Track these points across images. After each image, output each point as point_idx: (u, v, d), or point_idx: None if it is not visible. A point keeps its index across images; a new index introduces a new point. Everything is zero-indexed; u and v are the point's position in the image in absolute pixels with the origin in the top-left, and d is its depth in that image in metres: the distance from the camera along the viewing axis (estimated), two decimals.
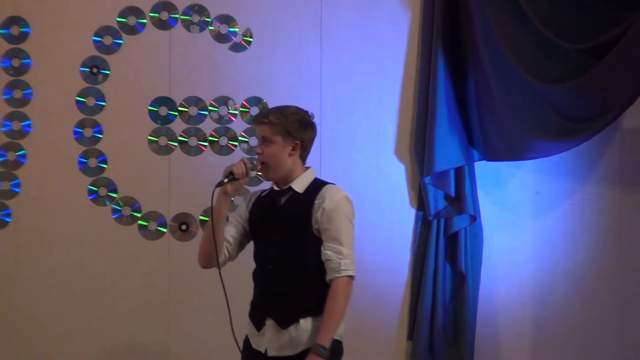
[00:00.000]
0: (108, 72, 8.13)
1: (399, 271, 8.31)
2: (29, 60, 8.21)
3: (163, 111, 8.15)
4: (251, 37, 8.23)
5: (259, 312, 6.56)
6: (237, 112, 8.24)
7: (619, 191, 8.48)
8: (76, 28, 8.28)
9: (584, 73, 7.16)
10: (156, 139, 8.16)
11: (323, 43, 8.40)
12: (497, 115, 8.05)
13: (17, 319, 8.31)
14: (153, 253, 8.21)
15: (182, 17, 8.22)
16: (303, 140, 6.51)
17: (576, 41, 7.23)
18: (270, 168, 6.44)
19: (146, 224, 8.19)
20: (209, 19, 8.25)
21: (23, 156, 8.17)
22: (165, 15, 8.18)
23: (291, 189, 6.52)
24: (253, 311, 6.61)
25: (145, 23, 8.23)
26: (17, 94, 8.12)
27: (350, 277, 6.34)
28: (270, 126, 6.40)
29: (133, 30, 8.18)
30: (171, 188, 8.19)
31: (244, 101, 8.16)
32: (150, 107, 8.17)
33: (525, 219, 8.37)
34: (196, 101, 8.17)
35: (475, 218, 8.16)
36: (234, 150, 8.14)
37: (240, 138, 8.23)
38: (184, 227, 8.16)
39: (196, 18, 8.21)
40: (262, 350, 6.49)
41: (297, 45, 8.38)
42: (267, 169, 6.44)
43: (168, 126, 8.17)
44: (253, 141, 8.23)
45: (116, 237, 8.20)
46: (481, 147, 8.23)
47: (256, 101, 8.15)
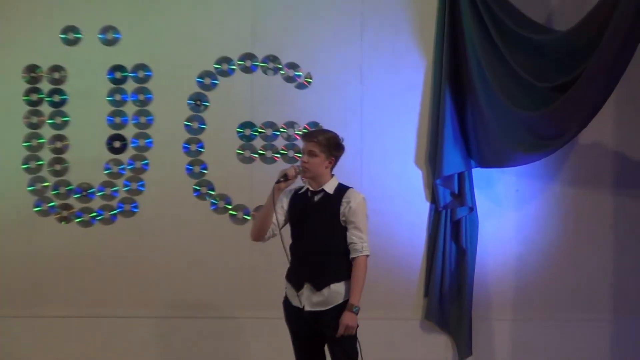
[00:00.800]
0: (207, 104, 9.16)
1: (418, 247, 9.25)
2: (151, 95, 9.18)
3: (247, 132, 9.17)
4: (311, 79, 9.20)
5: (297, 278, 7.44)
6: (301, 133, 9.22)
7: (576, 189, 9.45)
8: (185, 72, 9.27)
9: (551, 104, 8.28)
10: (242, 152, 9.15)
11: (363, 82, 9.27)
12: (488, 134, 9.02)
13: (143, 280, 9.19)
14: (239, 233, 9.10)
15: (261, 64, 9.19)
16: (337, 157, 7.46)
17: (545, 81, 8.42)
18: (311, 173, 7.40)
19: (235, 213, 9.18)
20: (280, 66, 9.20)
21: (146, 164, 9.18)
22: (248, 63, 9.17)
23: (323, 191, 7.45)
24: (291, 276, 7.49)
25: (234, 68, 9.19)
26: (142, 120, 9.15)
27: (367, 256, 7.34)
28: (317, 144, 7.38)
29: (225, 73, 9.17)
30: (252, 187, 9.14)
31: (306, 124, 9.18)
32: (237, 129, 9.17)
33: (508, 210, 9.36)
34: (271, 124, 9.18)
35: (472, 209, 9.19)
36: (298, 160, 8.74)
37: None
38: None
39: (271, 65, 9.21)
40: (301, 306, 7.37)
41: (344, 84, 9.29)
42: (309, 174, 7.42)
43: (251, 143, 9.20)
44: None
45: (213, 223, 9.21)
46: (476, 157, 9.19)
47: (314, 125, 9.12)
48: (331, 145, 7.43)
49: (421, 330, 9.31)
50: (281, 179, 7.37)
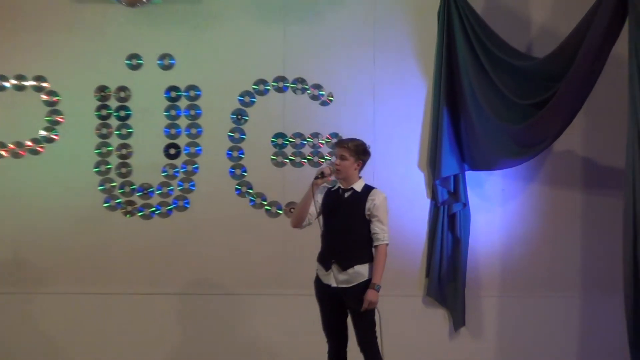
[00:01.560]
0: (247, 118, 9.44)
1: (421, 236, 9.46)
2: (200, 111, 9.47)
3: (279, 141, 9.44)
4: (332, 97, 9.49)
5: (326, 259, 7.76)
6: (324, 142, 9.51)
7: (551, 188, 9.61)
8: (228, 92, 9.49)
9: (530, 118, 8.69)
10: (275, 158, 9.40)
11: (375, 100, 9.50)
12: (478, 142, 9.24)
13: (194, 263, 9.45)
14: (273, 225, 9.46)
15: (291, 85, 9.44)
16: (364, 161, 7.80)
17: (525, 99, 8.81)
18: (342, 174, 7.73)
19: (269, 208, 9.43)
20: (307, 87, 9.47)
21: (196, 168, 9.45)
22: (281, 84, 9.42)
23: (352, 189, 7.79)
24: (321, 258, 7.80)
25: (269, 89, 9.46)
26: (193, 131, 9.43)
27: (386, 244, 7.69)
28: (347, 150, 7.73)
29: (261, 93, 9.45)
30: (284, 187, 9.45)
31: (328, 135, 9.47)
32: (272, 139, 9.45)
33: (495, 206, 9.58)
34: (299, 135, 9.46)
35: (465, 205, 9.36)
36: (322, 164, 9.39)
37: (325, 157, 9.47)
38: (292, 210, 9.07)
39: (299, 86, 9.48)
40: (329, 283, 7.72)
41: (359, 101, 9.53)
42: (340, 174, 7.75)
43: (283, 150, 9.47)
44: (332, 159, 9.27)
45: (251, 216, 9.49)
46: (469, 162, 9.39)
47: (335, 135, 9.40)
48: (359, 150, 7.74)
49: (423, 305, 9.49)
50: (319, 176, 7.67)
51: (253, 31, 9.50)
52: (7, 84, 9.42)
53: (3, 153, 9.43)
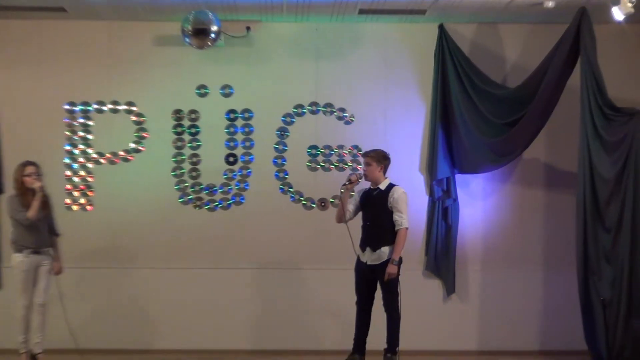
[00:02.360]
0: (288, 134, 9.94)
1: (421, 223, 9.86)
2: (253, 128, 9.97)
3: (313, 151, 9.94)
4: (354, 118, 9.95)
5: (363, 242, 8.30)
6: (347, 152, 9.92)
7: (521, 187, 10.00)
8: (274, 113, 9.96)
9: (504, 133, 9.18)
10: (310, 164, 9.90)
11: (386, 120, 9.95)
12: (465, 152, 9.58)
13: (248, 244, 9.83)
14: (308, 216, 9.93)
15: (322, 109, 9.95)
16: (385, 166, 8.29)
17: (501, 119, 9.29)
18: (369, 177, 8.28)
19: (305, 203, 9.90)
20: (334, 109, 9.96)
21: (250, 172, 9.95)
22: (314, 107, 9.93)
23: (379, 188, 8.26)
24: (361, 242, 8.31)
25: (305, 111, 9.95)
26: (247, 144, 9.91)
27: (406, 228, 8.13)
28: (371, 158, 8.31)
29: (299, 114, 9.96)
30: (316, 186, 9.92)
31: (350, 147, 9.93)
32: (307, 150, 9.94)
33: (478, 200, 9.98)
34: (328, 147, 9.94)
35: (455, 200, 9.72)
36: (345, 169, 9.83)
37: (349, 164, 9.92)
38: (323, 204, 9.88)
39: (328, 109, 9.95)
40: (364, 261, 8.23)
41: (374, 121, 9.94)
42: (368, 178, 8.29)
43: (315, 158, 9.94)
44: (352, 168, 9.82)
45: (292, 209, 9.92)
46: (458, 167, 9.74)
47: (356, 147, 9.88)
48: (379, 158, 8.26)
49: (423, 277, 9.90)
50: (346, 182, 8.28)
51: (292, 67, 9.88)
52: (105, 108, 9.91)
53: (102, 161, 9.90)
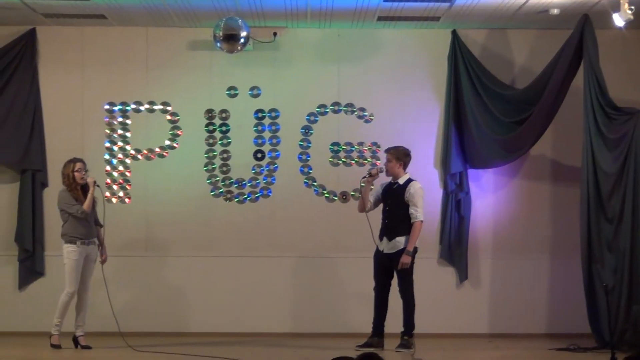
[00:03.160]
0: (312, 131, 10.26)
1: (435, 215, 10.13)
2: (279, 126, 10.28)
3: (335, 148, 10.24)
4: (373, 116, 10.25)
5: (382, 232, 8.70)
6: (367, 148, 10.23)
7: (529, 181, 10.25)
8: (299, 112, 10.24)
9: (513, 132, 9.54)
10: (332, 160, 10.18)
11: (404, 118, 10.25)
12: (477, 148, 9.87)
13: (275, 233, 10.14)
14: (330, 207, 10.24)
15: (343, 108, 10.26)
16: (405, 162, 8.66)
17: (509, 118, 9.63)
18: (389, 172, 8.66)
19: (328, 196, 10.22)
20: (355, 109, 10.26)
21: (276, 167, 10.26)
22: (336, 107, 10.25)
23: (398, 182, 8.63)
24: (380, 232, 8.69)
25: (328, 110, 10.28)
26: (274, 141, 10.24)
27: (421, 221, 8.50)
28: (392, 155, 8.69)
29: (322, 113, 10.26)
30: (338, 180, 10.24)
31: (370, 144, 10.24)
32: (330, 146, 10.24)
33: (489, 193, 10.24)
34: (349, 144, 10.24)
35: (467, 193, 10.01)
36: (365, 165, 10.07)
37: (368, 160, 10.20)
38: (344, 197, 10.18)
39: (349, 108, 10.24)
40: (382, 249, 8.64)
41: (392, 119, 10.21)
42: (388, 173, 8.68)
43: (337, 154, 10.24)
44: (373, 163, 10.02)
45: (315, 201, 10.25)
46: (470, 162, 10.00)
47: (375, 144, 10.17)
48: (400, 155, 8.67)
49: (437, 264, 10.18)
50: (367, 176, 8.71)
51: (316, 69, 10.20)
52: (142, 108, 10.26)
53: (140, 157, 10.23)
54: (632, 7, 8.09)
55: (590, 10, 8.96)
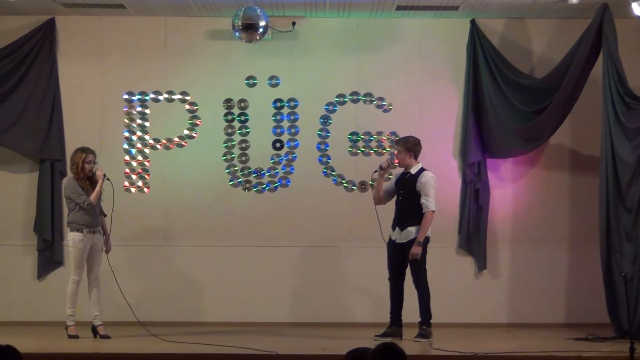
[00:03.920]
0: (331, 121, 10.26)
1: (455, 204, 10.18)
2: (298, 115, 10.31)
3: (354, 137, 10.29)
4: (391, 106, 10.27)
5: (395, 222, 8.73)
6: (386, 138, 10.24)
7: (547, 170, 10.25)
8: (317, 102, 10.29)
9: (531, 121, 9.55)
10: (351, 149, 10.23)
11: (422, 109, 10.29)
12: (495, 138, 9.92)
13: (293, 223, 10.19)
14: (349, 197, 10.27)
15: (362, 98, 10.28)
16: (415, 152, 8.66)
17: (528, 107, 9.63)
18: (400, 163, 8.71)
19: (347, 185, 10.24)
20: (373, 98, 10.30)
21: (295, 157, 10.32)
22: (355, 97, 10.28)
23: (410, 172, 8.65)
24: (393, 222, 8.73)
25: (346, 100, 10.29)
26: (292, 130, 10.26)
27: (432, 211, 8.50)
28: (401, 145, 8.74)
29: (341, 103, 10.28)
30: (357, 170, 10.24)
31: (388, 133, 10.24)
32: (348, 136, 10.28)
33: (507, 183, 10.26)
34: (368, 133, 10.27)
35: (486, 182, 9.98)
36: (384, 154, 10.05)
37: (387, 149, 10.16)
38: (363, 186, 10.18)
39: (368, 98, 10.27)
40: (394, 239, 8.69)
41: (410, 109, 10.26)
42: (400, 164, 8.72)
43: (356, 144, 10.28)
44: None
45: (334, 191, 10.28)
46: (488, 151, 10.02)
47: (394, 133, 10.12)
48: (409, 145, 8.70)
49: (456, 254, 10.20)
50: (379, 169, 8.76)
51: (334, 59, 10.24)
52: (161, 97, 10.29)
53: (158, 146, 10.27)
54: None
55: None
